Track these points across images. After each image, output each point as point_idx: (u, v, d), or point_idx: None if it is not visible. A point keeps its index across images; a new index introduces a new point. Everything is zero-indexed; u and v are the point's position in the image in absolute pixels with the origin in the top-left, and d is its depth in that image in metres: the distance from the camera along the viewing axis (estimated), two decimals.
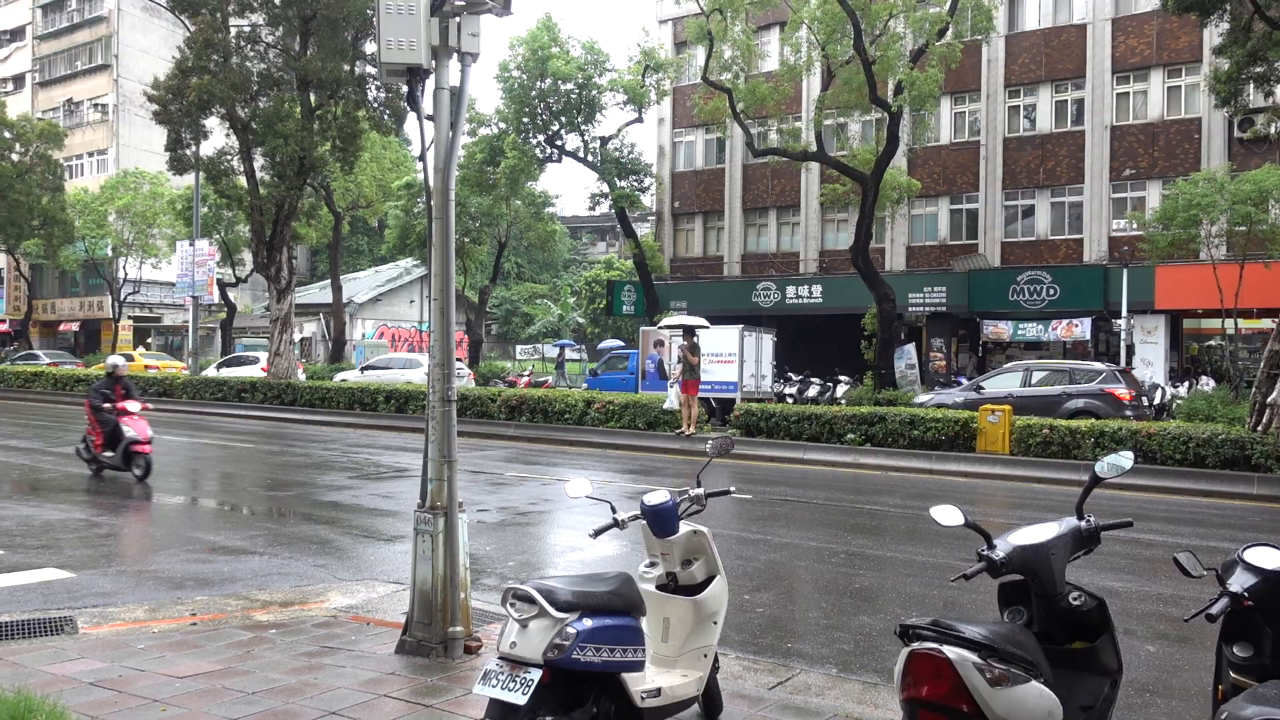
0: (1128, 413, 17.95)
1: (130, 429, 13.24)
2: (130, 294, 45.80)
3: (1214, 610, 3.14)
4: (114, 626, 6.38)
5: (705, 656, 4.50)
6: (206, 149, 28.59)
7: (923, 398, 21.06)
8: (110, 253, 44.96)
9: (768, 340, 24.67)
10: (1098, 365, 20.25)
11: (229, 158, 27.86)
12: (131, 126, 50.17)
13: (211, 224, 38.07)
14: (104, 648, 5.86)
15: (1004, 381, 19.86)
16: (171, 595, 7.33)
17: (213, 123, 28.19)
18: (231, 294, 42.72)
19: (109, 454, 13.39)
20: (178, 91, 26.18)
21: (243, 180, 27.98)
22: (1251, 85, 16.72)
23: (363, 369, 32.68)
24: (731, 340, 23.03)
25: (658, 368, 25.53)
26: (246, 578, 7.95)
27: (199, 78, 25.58)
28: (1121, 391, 18.46)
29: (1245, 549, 3.29)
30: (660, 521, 4.50)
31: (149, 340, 51.21)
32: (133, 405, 13.59)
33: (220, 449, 18.38)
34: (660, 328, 25.50)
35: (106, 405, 13.46)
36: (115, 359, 14.63)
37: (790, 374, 29.82)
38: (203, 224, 35.55)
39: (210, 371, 33.82)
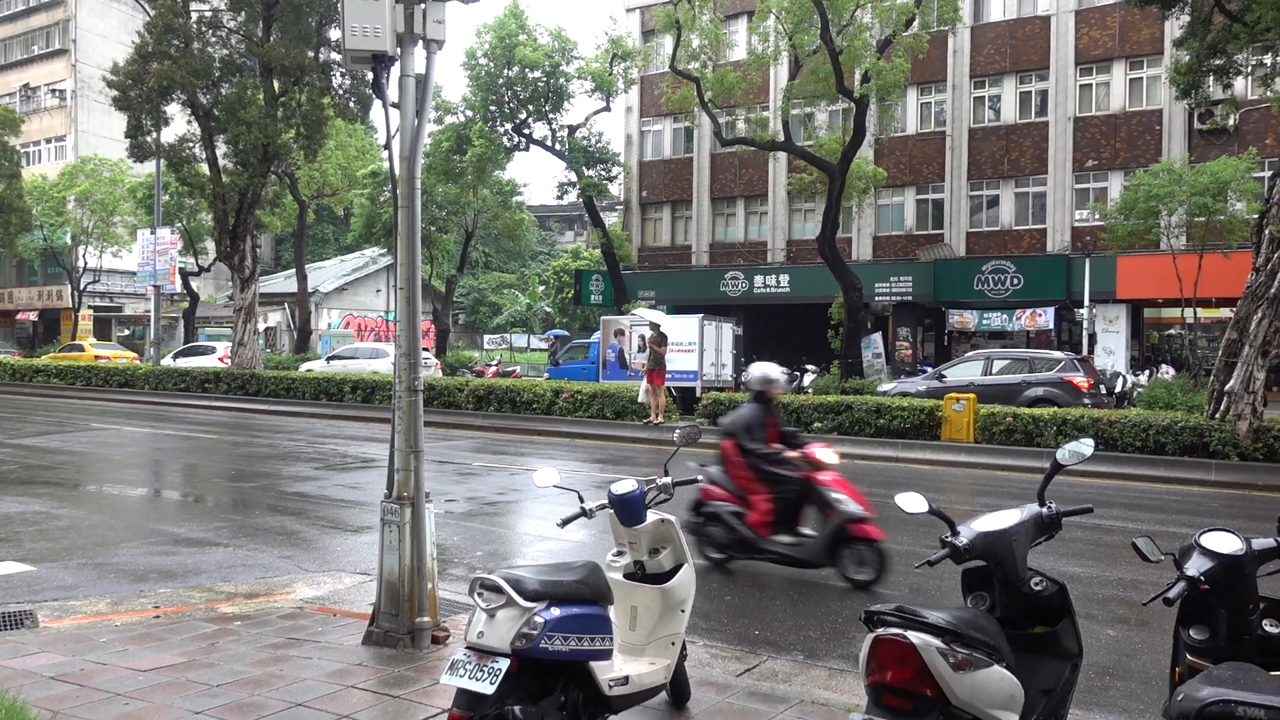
0: (1086, 400, 18.28)
1: (839, 495, 7.71)
2: (90, 283, 45.06)
3: (1171, 594, 3.19)
4: (75, 620, 6.30)
5: (673, 644, 4.52)
6: (168, 136, 28.17)
7: (886, 386, 21.28)
8: (69, 241, 44.20)
9: (728, 329, 24.80)
10: (1057, 354, 20.60)
11: (191, 145, 27.47)
12: (90, 113, 49.29)
13: (173, 212, 37.51)
14: (65, 641, 5.78)
15: (966, 370, 20.17)
16: (134, 588, 7.25)
17: (174, 109, 27.77)
18: (194, 283, 42.15)
19: (785, 538, 7.84)
20: (138, 77, 25.78)
21: (205, 168, 27.60)
22: (1211, 77, 16.94)
23: (329, 359, 32.43)
24: (691, 329, 23.21)
25: (618, 357, 25.74)
26: (211, 570, 7.87)
27: (159, 63, 25.20)
28: (1080, 380, 18.85)
29: (1202, 534, 3.34)
30: (628, 510, 4.51)
31: (112, 331, 50.47)
32: (826, 453, 7.96)
33: (183, 440, 18.17)
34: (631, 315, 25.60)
35: (794, 455, 7.90)
36: (763, 368, 8.35)
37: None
38: (164, 212, 35.02)
39: (167, 361, 33.40)
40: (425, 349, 36.68)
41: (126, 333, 50.52)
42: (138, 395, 28.11)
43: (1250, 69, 18.45)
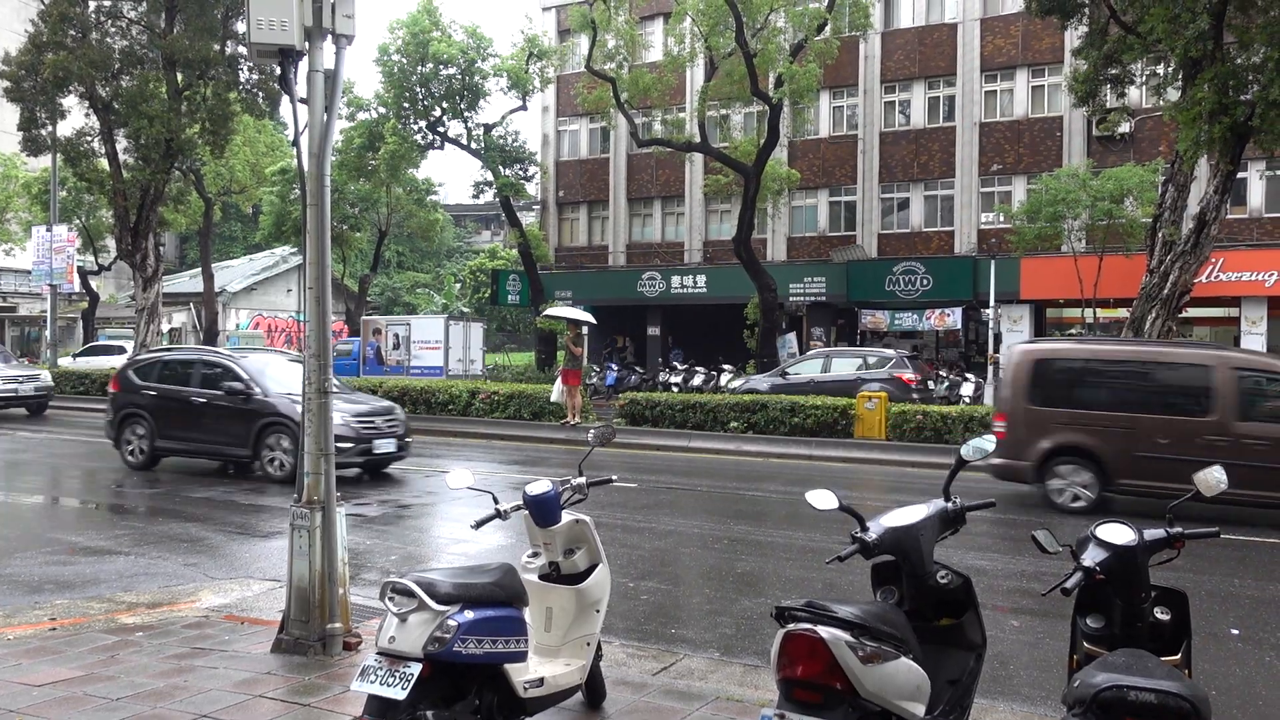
0: (914, 395, 19.73)
1: None
2: None
3: (1069, 584, 3.30)
4: None
5: (588, 645, 4.52)
6: (65, 129, 27.10)
7: (736, 383, 22.20)
8: None
9: (476, 329, 30.72)
10: (888, 352, 22.26)
11: (89, 139, 26.46)
12: None
13: (71, 209, 36.10)
14: None
15: (807, 367, 21.69)
16: (28, 600, 6.96)
17: (71, 102, 26.69)
18: (94, 282, 40.62)
19: None
20: (32, 68, 24.74)
21: (104, 163, 26.62)
22: (1108, 86, 17.59)
23: (75, 356, 32.49)
24: (438, 329, 29.15)
25: (376, 354, 30.37)
26: (111, 579, 7.61)
27: (55, 54, 24.22)
28: (908, 376, 20.50)
29: (1097, 525, 3.46)
30: (542, 511, 4.50)
31: (5, 331, 48.30)
32: None
33: (83, 445, 17.50)
34: (545, 316, 25.77)
35: None
36: None
37: (675, 363, 30.12)
38: (62, 209, 33.70)
39: (66, 362, 32.20)
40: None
41: (20, 333, 48.32)
42: None
43: (1144, 78, 19.18)
